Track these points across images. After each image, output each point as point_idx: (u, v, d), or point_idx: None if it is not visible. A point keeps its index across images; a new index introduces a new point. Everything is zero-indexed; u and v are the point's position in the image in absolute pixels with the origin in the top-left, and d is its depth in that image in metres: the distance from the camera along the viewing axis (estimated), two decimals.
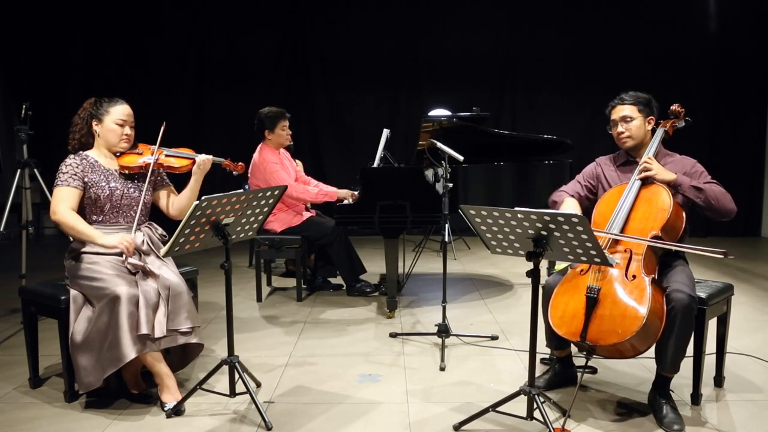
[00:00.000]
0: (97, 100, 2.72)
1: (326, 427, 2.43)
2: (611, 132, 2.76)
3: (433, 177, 3.81)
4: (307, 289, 4.52)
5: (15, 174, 3.93)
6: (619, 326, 2.22)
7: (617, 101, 2.72)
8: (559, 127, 6.38)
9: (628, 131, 2.66)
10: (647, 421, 2.44)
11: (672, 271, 2.45)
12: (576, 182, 2.87)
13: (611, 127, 2.75)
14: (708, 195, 2.46)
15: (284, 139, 4.27)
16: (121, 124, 2.68)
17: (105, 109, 2.68)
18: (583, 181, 2.84)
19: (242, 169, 3.01)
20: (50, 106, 6.75)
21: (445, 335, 3.25)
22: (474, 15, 6.93)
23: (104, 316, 2.43)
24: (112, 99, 2.72)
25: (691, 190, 2.47)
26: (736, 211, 2.52)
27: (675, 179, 2.49)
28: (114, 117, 2.67)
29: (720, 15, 6.82)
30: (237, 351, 2.61)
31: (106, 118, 2.67)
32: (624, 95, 2.72)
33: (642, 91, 2.72)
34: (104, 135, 2.69)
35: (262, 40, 7.00)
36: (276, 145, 4.26)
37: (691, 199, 2.48)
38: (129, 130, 2.72)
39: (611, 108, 2.74)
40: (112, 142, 2.69)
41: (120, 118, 2.68)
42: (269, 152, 4.21)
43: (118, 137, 2.69)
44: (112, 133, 2.68)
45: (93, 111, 2.69)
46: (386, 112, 7.09)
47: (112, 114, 2.67)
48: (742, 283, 4.74)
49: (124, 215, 2.68)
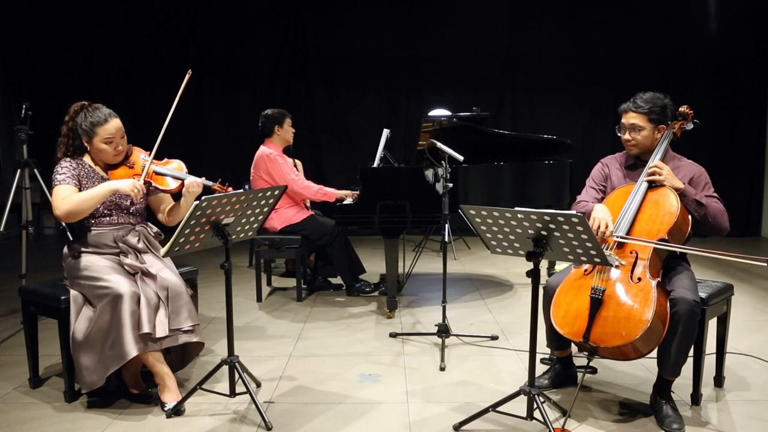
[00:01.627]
0: (84, 108, 2.63)
1: (326, 427, 2.43)
2: (619, 133, 2.71)
3: (433, 177, 3.81)
4: (307, 289, 4.52)
5: (15, 174, 3.93)
6: (623, 328, 2.22)
7: (631, 106, 2.62)
8: (559, 127, 6.38)
9: (635, 140, 2.63)
10: (648, 422, 2.44)
11: (675, 275, 2.45)
12: (590, 188, 2.81)
13: (619, 128, 2.70)
14: (707, 212, 2.47)
15: (290, 135, 4.40)
16: (110, 141, 2.62)
17: (92, 130, 2.59)
18: (597, 186, 2.79)
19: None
20: (50, 106, 6.75)
21: (445, 335, 3.25)
22: (474, 15, 6.93)
23: (106, 314, 2.44)
24: (96, 114, 2.60)
25: (693, 204, 2.47)
26: (728, 230, 2.52)
27: (683, 189, 2.48)
28: (102, 137, 2.60)
29: (720, 15, 6.82)
30: (237, 351, 2.61)
31: (94, 138, 2.61)
32: (639, 101, 2.61)
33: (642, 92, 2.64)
34: (96, 154, 2.66)
35: (262, 40, 7.00)
36: (282, 142, 4.36)
37: (689, 211, 2.48)
38: (120, 143, 2.66)
39: (624, 111, 2.65)
40: (105, 159, 2.67)
41: (107, 137, 2.61)
42: (274, 146, 4.30)
43: (110, 155, 2.65)
44: (103, 153, 2.64)
45: (82, 127, 2.60)
46: (386, 112, 7.09)
47: (99, 135, 2.59)
48: (742, 283, 4.74)
49: (118, 217, 2.68)
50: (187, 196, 2.71)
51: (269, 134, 4.32)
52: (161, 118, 2.69)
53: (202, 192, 2.63)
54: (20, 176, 3.92)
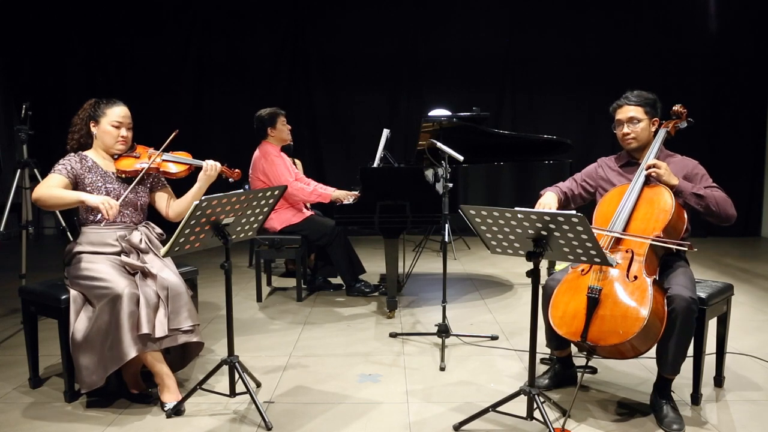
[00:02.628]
0: (97, 101, 2.73)
1: (326, 427, 2.43)
2: (615, 131, 2.72)
3: (433, 177, 3.81)
4: (307, 289, 4.52)
5: (15, 174, 3.93)
6: (620, 327, 2.22)
7: (624, 101, 2.66)
8: (559, 127, 6.39)
9: (634, 133, 2.64)
10: (647, 421, 2.44)
11: (673, 272, 2.45)
12: (572, 180, 2.87)
13: (615, 126, 2.71)
14: (709, 201, 2.46)
15: (285, 134, 4.38)
16: (117, 125, 2.68)
17: (102, 111, 2.69)
18: (580, 180, 2.84)
19: (239, 176, 2.96)
20: (50, 106, 6.76)
21: (445, 335, 3.25)
22: (474, 15, 6.94)
23: (105, 315, 2.44)
24: (111, 100, 2.72)
25: (692, 197, 2.47)
26: (736, 216, 2.52)
27: (677, 185, 2.48)
28: (110, 119, 2.68)
29: (720, 15, 6.83)
30: (237, 351, 2.61)
31: (102, 119, 2.68)
32: (630, 95, 2.66)
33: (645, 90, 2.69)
34: (101, 136, 2.70)
35: (262, 40, 7.00)
36: (278, 141, 4.35)
37: (692, 206, 2.49)
38: (126, 132, 2.72)
39: (617, 107, 2.68)
40: (108, 143, 2.70)
41: (116, 120, 2.68)
42: (271, 147, 4.30)
43: (114, 139, 2.69)
44: (108, 135, 2.68)
45: (91, 112, 2.70)
46: (386, 112, 7.09)
47: (108, 116, 2.68)
48: (742, 283, 4.74)
49: (121, 215, 2.68)
50: (203, 179, 2.76)
51: (264, 136, 4.34)
52: (161, 118, 2.69)
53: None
54: (20, 176, 3.92)
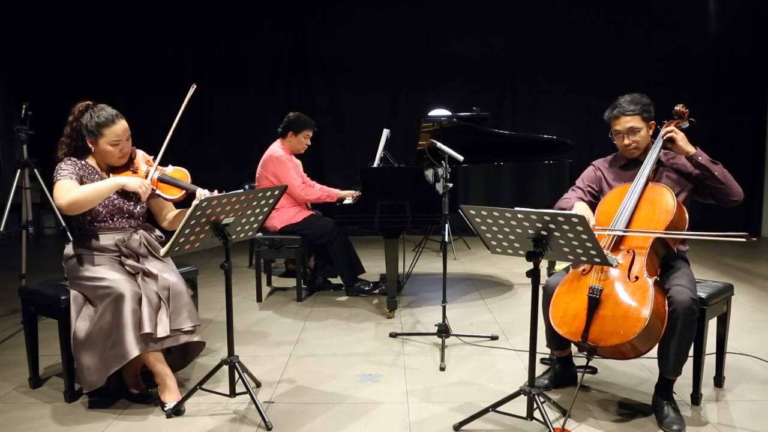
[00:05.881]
0: (89, 110, 2.59)
1: (326, 427, 2.43)
2: (614, 140, 2.70)
3: (433, 177, 3.81)
4: (307, 289, 4.52)
5: (15, 174, 3.93)
6: (621, 327, 2.22)
7: (619, 112, 2.62)
8: (559, 127, 6.38)
9: (635, 143, 2.63)
10: (647, 422, 2.44)
11: (673, 272, 2.45)
12: (577, 188, 2.83)
13: (613, 135, 2.69)
14: (723, 170, 2.50)
15: (302, 147, 4.37)
16: (116, 144, 2.60)
17: (99, 131, 2.56)
18: (585, 186, 2.81)
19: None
20: (50, 106, 6.74)
21: (445, 335, 3.25)
22: (474, 15, 6.93)
23: (107, 314, 2.44)
24: (104, 116, 2.57)
25: (710, 164, 2.49)
26: (743, 196, 2.54)
27: (695, 152, 2.51)
28: (109, 139, 2.57)
29: (720, 14, 6.83)
30: (237, 351, 2.61)
31: (100, 140, 2.58)
32: (625, 104, 2.61)
33: (638, 92, 2.66)
34: (101, 155, 2.63)
35: (262, 40, 6.99)
36: (291, 148, 4.35)
37: (706, 175, 2.50)
38: (125, 145, 2.64)
39: (614, 118, 2.65)
40: (109, 162, 2.65)
41: (114, 140, 2.58)
42: (284, 149, 4.30)
43: (115, 157, 2.63)
44: (109, 155, 2.61)
45: (87, 127, 2.57)
46: (386, 112, 7.09)
47: (106, 136, 2.57)
48: (742, 283, 4.74)
49: (120, 220, 2.67)
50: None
51: (283, 135, 4.33)
52: (161, 118, 2.69)
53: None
54: (20, 176, 3.92)
